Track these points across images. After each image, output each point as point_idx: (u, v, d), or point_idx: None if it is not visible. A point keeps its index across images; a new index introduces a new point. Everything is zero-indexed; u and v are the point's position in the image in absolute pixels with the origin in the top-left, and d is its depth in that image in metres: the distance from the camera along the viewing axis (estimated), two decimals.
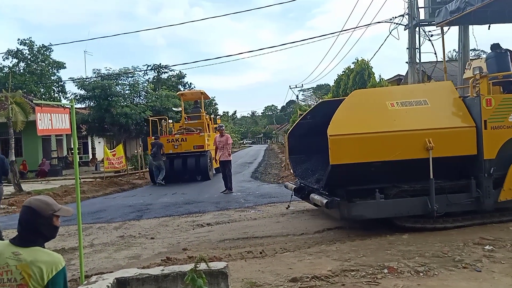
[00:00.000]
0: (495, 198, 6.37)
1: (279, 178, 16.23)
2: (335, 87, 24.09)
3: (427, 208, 6.15)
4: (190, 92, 21.78)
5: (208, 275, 3.44)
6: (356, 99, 6.70)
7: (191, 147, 16.33)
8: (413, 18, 15.43)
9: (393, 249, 5.39)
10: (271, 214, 8.59)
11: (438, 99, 6.65)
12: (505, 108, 6.38)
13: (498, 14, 8.64)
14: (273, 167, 22.80)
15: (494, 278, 4.23)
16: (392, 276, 4.43)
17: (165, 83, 37.92)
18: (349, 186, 6.35)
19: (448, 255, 4.98)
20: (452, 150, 6.23)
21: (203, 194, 12.47)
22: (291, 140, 8.32)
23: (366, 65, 21.05)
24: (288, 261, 5.19)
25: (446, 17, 8.54)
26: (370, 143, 6.04)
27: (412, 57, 15.67)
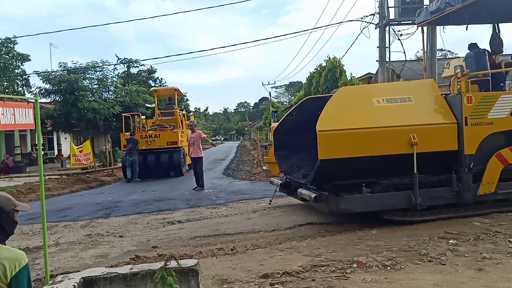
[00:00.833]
0: (474, 191, 6.63)
1: (251, 175, 16.27)
2: (307, 85, 24.29)
3: (411, 201, 6.34)
4: (163, 89, 21.69)
5: (179, 273, 3.39)
6: (343, 95, 6.82)
7: (164, 143, 16.44)
8: (384, 17, 15.73)
9: (362, 244, 5.49)
10: (243, 211, 8.58)
11: (421, 96, 6.84)
12: (485, 105, 6.62)
13: (476, 15, 8.92)
14: (245, 164, 22.80)
15: (457, 271, 4.37)
16: (361, 271, 4.51)
17: (135, 78, 37.22)
18: (337, 181, 6.46)
19: (415, 249, 5.10)
20: (435, 146, 6.43)
21: (174, 191, 12.34)
22: (277, 136, 8.35)
23: (337, 63, 21.32)
24: (259, 258, 5.19)
25: (427, 17, 8.79)
26: (357, 138, 6.17)
27: (382, 56, 15.99)
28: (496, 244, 5.17)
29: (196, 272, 3.51)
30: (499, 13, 8.94)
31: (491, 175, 6.65)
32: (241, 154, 32.94)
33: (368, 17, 16.37)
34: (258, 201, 9.65)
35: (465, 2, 7.52)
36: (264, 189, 11.59)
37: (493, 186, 6.67)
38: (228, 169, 19.85)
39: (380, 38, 16.08)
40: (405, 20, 15.96)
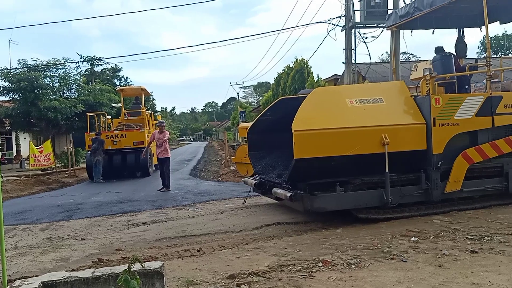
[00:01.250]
0: (442, 189, 6.88)
1: (219, 176, 16.20)
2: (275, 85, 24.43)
3: (383, 199, 6.51)
4: (130, 88, 21.38)
5: (143, 275, 3.34)
6: (318, 96, 6.88)
7: (131, 143, 16.35)
8: (350, 20, 16.04)
9: (328, 243, 5.56)
10: (210, 212, 8.52)
11: (392, 98, 7.02)
12: (452, 107, 6.87)
13: (442, 20, 9.32)
14: (212, 164, 22.69)
15: (418, 268, 4.49)
16: (326, 269, 4.57)
17: (99, 77, 36.29)
18: (311, 180, 6.51)
19: (378, 247, 5.22)
20: (405, 145, 6.64)
21: (139, 192, 12.11)
22: (250, 136, 8.32)
23: (305, 64, 21.55)
24: (225, 258, 5.16)
25: (396, 21, 9.11)
26: (331, 138, 6.27)
27: (348, 58, 16.30)
28: (455, 241, 5.36)
29: (161, 274, 3.46)
30: (463, 18, 9.38)
31: (457, 174, 6.92)
32: (209, 154, 32.76)
33: (334, 20, 16.66)
34: (225, 202, 9.62)
35: (432, 7, 7.86)
36: (232, 190, 11.57)
37: (459, 184, 6.94)
38: (195, 169, 19.70)
39: (346, 40, 16.39)
40: (370, 23, 16.38)
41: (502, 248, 4.97)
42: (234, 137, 49.16)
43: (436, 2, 7.76)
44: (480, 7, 8.29)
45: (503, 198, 7.30)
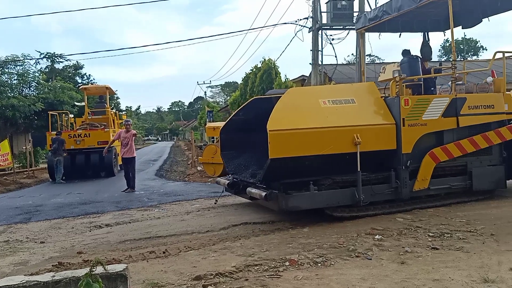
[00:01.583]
0: (410, 188, 7.10)
1: (186, 176, 16.02)
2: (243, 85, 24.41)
3: (355, 198, 6.64)
4: (94, 87, 20.85)
5: (105, 278, 3.25)
6: (292, 96, 6.94)
7: (95, 143, 16.00)
8: (317, 21, 16.26)
9: (295, 242, 5.59)
10: (176, 213, 8.40)
11: (363, 98, 7.17)
12: (420, 108, 7.11)
13: (408, 24, 9.65)
14: (179, 164, 22.42)
15: (382, 265, 4.59)
16: (293, 268, 4.59)
17: (60, 74, 35.11)
18: (285, 179, 6.54)
19: (344, 246, 5.29)
20: (376, 145, 6.79)
21: (102, 193, 11.78)
22: (223, 136, 8.27)
23: (272, 65, 21.65)
24: (192, 259, 5.10)
25: (365, 24, 9.34)
26: (306, 138, 6.34)
27: (315, 59, 16.52)
28: (417, 238, 5.51)
29: (124, 277, 3.37)
30: (428, 22, 9.80)
31: (425, 172, 7.17)
32: (175, 154, 32.37)
33: (302, 21, 16.86)
34: (192, 203, 9.51)
35: (400, 11, 8.16)
36: (199, 190, 11.47)
37: (426, 183, 7.19)
38: (161, 170, 19.40)
39: (313, 41, 16.61)
40: (336, 25, 16.66)
41: (461, 244, 5.15)
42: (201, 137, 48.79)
43: (403, 7, 8.04)
44: (444, 12, 8.70)
45: (466, 195, 7.63)
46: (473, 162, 7.58)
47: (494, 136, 7.59)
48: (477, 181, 7.56)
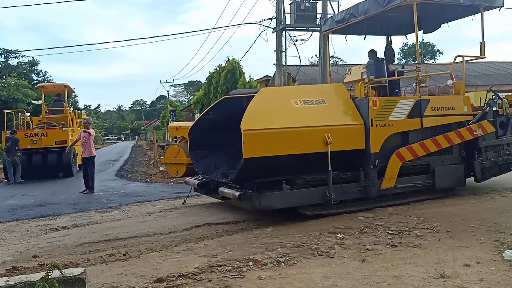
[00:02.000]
0: (378, 186, 7.30)
1: (147, 176, 15.73)
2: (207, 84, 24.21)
3: (326, 196, 6.74)
4: (52, 84, 20.11)
5: (62, 283, 3.15)
6: (265, 96, 6.95)
7: (52, 142, 15.47)
8: (280, 22, 16.38)
9: (258, 242, 5.60)
10: (137, 214, 8.21)
11: (333, 99, 7.32)
12: (387, 108, 7.34)
13: (372, 28, 9.94)
14: (141, 164, 21.98)
15: (344, 263, 4.67)
16: (257, 268, 4.59)
17: (14, 70, 33.57)
18: (258, 179, 6.55)
19: (306, 245, 5.35)
20: (346, 145, 6.94)
21: (59, 194, 11.35)
22: (192, 136, 8.14)
23: (236, 64, 21.63)
24: (153, 261, 4.99)
25: (332, 26, 9.53)
26: (279, 137, 6.38)
27: (279, 60, 16.63)
28: (377, 236, 5.65)
29: (82, 281, 3.28)
30: (391, 26, 10.19)
31: (392, 171, 7.40)
32: (137, 154, 31.72)
33: (266, 21, 16.93)
34: (154, 203, 9.33)
35: (367, 15, 8.44)
36: (161, 191, 11.28)
37: (393, 181, 7.43)
38: (121, 170, 18.95)
39: (277, 42, 16.72)
40: (300, 26, 16.85)
41: (419, 241, 5.32)
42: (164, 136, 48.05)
43: (370, 10, 8.29)
44: (406, 17, 9.10)
45: (429, 193, 7.97)
46: (436, 161, 7.91)
47: (455, 136, 7.95)
48: (439, 179, 7.88)
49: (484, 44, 8.11)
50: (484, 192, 8.47)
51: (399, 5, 7.78)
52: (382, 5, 7.98)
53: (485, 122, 8.34)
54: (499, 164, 8.60)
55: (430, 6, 8.09)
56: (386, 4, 7.89)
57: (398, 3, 7.69)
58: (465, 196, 8.16)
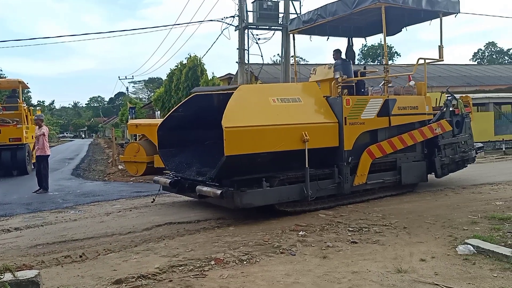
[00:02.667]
0: (351, 183, 7.51)
1: (105, 175, 15.29)
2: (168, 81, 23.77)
3: (303, 193, 6.83)
4: (5, 80, 19.27)
5: (16, 286, 3.02)
6: (243, 94, 6.94)
7: (6, 140, 14.92)
8: (243, 20, 16.35)
9: (220, 241, 5.56)
10: (95, 214, 7.95)
11: (308, 97, 7.46)
12: (359, 107, 7.59)
13: (335, 29, 10.21)
14: (98, 163, 21.34)
15: (305, 260, 4.73)
16: (219, 267, 4.56)
17: None
18: (237, 176, 6.56)
19: (269, 243, 5.37)
20: (322, 142, 7.10)
21: (10, 194, 10.80)
22: (160, 133, 7.94)
23: (198, 62, 21.40)
24: (112, 263, 4.85)
25: (299, 26, 9.66)
26: (260, 135, 6.43)
27: (242, 58, 16.61)
28: (338, 233, 5.76)
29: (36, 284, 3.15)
30: (352, 29, 10.55)
31: (363, 168, 7.66)
32: (94, 152, 30.77)
33: (228, 19, 16.85)
34: (112, 203, 9.06)
35: (335, 16, 8.69)
36: (120, 190, 10.99)
37: (364, 178, 7.70)
38: (78, 169, 18.32)
39: (239, 40, 16.68)
40: (262, 25, 16.89)
41: (377, 238, 5.47)
42: (123, 134, 46.87)
43: (338, 12, 8.54)
44: (366, 20, 9.59)
45: (396, 189, 8.36)
46: (401, 158, 8.31)
47: (418, 134, 8.40)
48: (405, 176, 8.28)
49: (442, 48, 8.52)
50: (439, 189, 8.83)
51: (368, 7, 8.02)
52: (350, 7, 8.21)
53: (444, 121, 8.87)
54: (456, 160, 9.20)
55: (395, 10, 8.39)
56: (355, 6, 8.12)
57: (367, 5, 7.94)
58: (421, 193, 8.49)
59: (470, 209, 6.89)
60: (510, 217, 6.07)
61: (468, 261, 4.49)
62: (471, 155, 9.58)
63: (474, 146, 9.96)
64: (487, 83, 24.59)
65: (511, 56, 59.36)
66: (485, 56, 61.36)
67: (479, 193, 8.31)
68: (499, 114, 22.01)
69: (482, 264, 4.38)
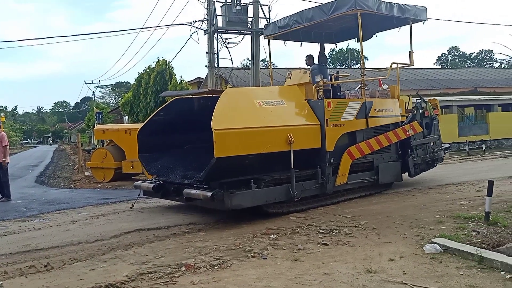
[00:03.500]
0: (333, 183, 7.74)
1: (71, 182, 14.83)
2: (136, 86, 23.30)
3: (289, 194, 6.97)
4: None
5: None
6: (230, 97, 7.03)
7: None
8: (212, 24, 16.27)
9: (191, 246, 5.48)
10: (60, 222, 7.67)
11: (291, 100, 7.68)
12: (339, 110, 7.85)
13: (307, 35, 10.46)
14: (64, 170, 20.69)
15: (277, 263, 4.72)
16: (189, 273, 4.48)
17: None
18: (225, 179, 6.62)
19: (240, 247, 5.33)
20: (306, 144, 7.28)
21: None
22: (140, 137, 7.87)
23: (167, 66, 21.09)
24: (78, 272, 4.68)
25: (275, 31, 9.83)
26: (248, 137, 6.53)
27: (211, 62, 16.51)
28: (309, 235, 5.78)
29: None
30: (323, 35, 10.80)
31: (344, 168, 7.89)
32: (59, 159, 29.84)
33: (197, 23, 16.72)
34: (78, 211, 8.78)
35: (312, 22, 8.92)
36: (86, 197, 10.67)
37: (345, 178, 7.94)
38: (42, 176, 17.69)
39: (208, 44, 16.59)
40: (232, 29, 16.86)
41: (348, 239, 5.53)
42: (90, 140, 45.64)
43: (315, 18, 8.79)
44: (338, 27, 10.02)
45: (374, 188, 8.66)
46: (378, 158, 8.64)
47: (393, 136, 8.78)
48: (382, 175, 8.63)
49: (413, 53, 9.00)
50: (406, 190, 9.04)
51: (345, 14, 8.28)
52: (327, 13, 8.47)
53: (415, 123, 9.30)
54: (427, 160, 9.68)
55: (369, 16, 8.67)
56: (332, 12, 8.37)
57: (344, 12, 8.20)
58: (389, 195, 8.66)
59: (436, 209, 7.08)
60: (474, 216, 6.27)
61: (435, 259, 4.60)
62: (440, 155, 10.06)
63: (442, 146, 10.43)
64: (451, 86, 25.44)
65: (473, 60, 61.73)
66: (449, 60, 63.58)
67: (445, 193, 8.56)
68: (463, 116, 22.84)
69: (449, 263, 4.49)
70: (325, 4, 8.65)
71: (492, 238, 5.24)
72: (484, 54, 60.99)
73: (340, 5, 8.20)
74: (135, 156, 12.04)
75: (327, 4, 8.52)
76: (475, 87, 25.68)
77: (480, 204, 6.92)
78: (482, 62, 60.33)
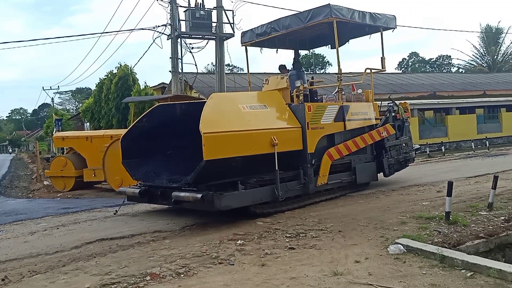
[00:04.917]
0: (315, 183, 8.05)
1: (29, 192, 14.23)
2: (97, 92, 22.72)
3: (275, 194, 7.22)
4: None
5: None
6: (216, 101, 7.23)
7: None
8: (175, 29, 16.11)
9: (156, 255, 5.35)
10: (18, 234, 7.32)
11: (273, 104, 8.00)
12: (319, 113, 8.22)
13: (282, 42, 10.71)
14: (21, 179, 19.82)
15: (244, 269, 4.68)
16: (155, 282, 4.38)
17: None
18: (212, 181, 6.78)
19: (207, 254, 5.26)
20: (289, 146, 7.59)
21: None
22: (124, 144, 7.86)
23: (129, 71, 20.69)
24: (38, 285, 4.50)
25: (252, 39, 10.05)
26: (235, 140, 6.76)
27: (175, 67, 16.34)
28: (276, 240, 5.77)
29: None
30: (297, 42, 11.05)
31: (324, 169, 8.25)
32: (16, 168, 28.60)
33: (160, 28, 16.52)
34: (37, 221, 8.41)
35: (289, 29, 9.17)
36: (46, 207, 10.25)
37: (326, 178, 8.24)
38: None
39: (172, 49, 16.41)
40: (195, 34, 16.75)
41: (314, 242, 5.56)
42: (49, 148, 44.03)
43: (292, 25, 9.12)
44: (312, 34, 10.36)
45: (351, 188, 9.02)
46: (355, 159, 9.02)
47: (368, 137, 9.22)
48: (359, 176, 9.04)
49: (384, 59, 9.45)
50: (371, 192, 9.22)
51: (321, 21, 8.59)
52: (304, 21, 8.80)
53: (388, 126, 9.82)
54: (400, 161, 10.22)
55: (343, 24, 8.95)
56: (309, 20, 8.70)
57: (320, 20, 8.53)
58: (354, 197, 8.80)
59: (399, 210, 7.25)
60: (436, 216, 6.46)
61: (399, 260, 4.69)
62: (411, 156, 10.63)
63: (413, 147, 11.01)
64: (411, 91, 26.27)
65: (432, 65, 64.08)
66: (409, 65, 65.74)
67: (407, 195, 8.79)
68: (423, 120, 23.64)
69: (412, 262, 4.60)
70: (302, 13, 8.99)
71: (453, 237, 5.41)
72: (442, 59, 63.45)
73: (316, 14, 8.57)
74: (96, 164, 11.86)
75: (304, 13, 8.87)
76: (433, 91, 26.61)
77: (441, 204, 7.14)
78: (440, 67, 62.74)
